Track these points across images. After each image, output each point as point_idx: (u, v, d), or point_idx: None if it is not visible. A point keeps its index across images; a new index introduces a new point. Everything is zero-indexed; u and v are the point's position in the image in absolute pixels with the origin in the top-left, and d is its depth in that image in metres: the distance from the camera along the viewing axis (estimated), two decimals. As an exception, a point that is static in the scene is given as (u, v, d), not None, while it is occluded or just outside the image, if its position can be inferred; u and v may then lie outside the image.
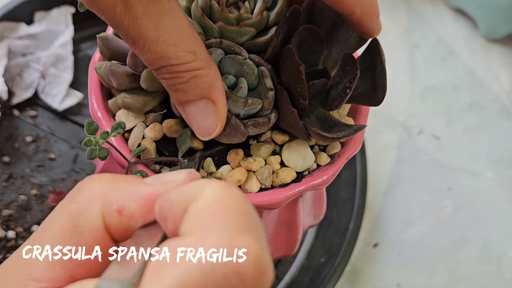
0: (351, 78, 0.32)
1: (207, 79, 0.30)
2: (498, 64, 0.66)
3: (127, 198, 0.24)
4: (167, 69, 0.29)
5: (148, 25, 0.27)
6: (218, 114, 0.31)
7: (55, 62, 0.58)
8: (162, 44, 0.28)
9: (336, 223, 0.54)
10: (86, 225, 0.24)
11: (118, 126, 0.32)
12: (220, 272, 0.20)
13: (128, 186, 0.24)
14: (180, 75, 0.29)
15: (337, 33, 0.35)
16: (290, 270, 0.52)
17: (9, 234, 0.51)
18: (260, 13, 0.34)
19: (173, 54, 0.28)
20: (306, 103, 0.32)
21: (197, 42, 0.29)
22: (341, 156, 0.35)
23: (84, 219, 0.24)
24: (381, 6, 0.33)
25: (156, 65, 0.29)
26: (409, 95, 0.64)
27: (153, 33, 0.28)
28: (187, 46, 0.28)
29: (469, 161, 0.60)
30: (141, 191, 0.24)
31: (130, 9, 0.27)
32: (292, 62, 0.31)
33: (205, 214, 0.21)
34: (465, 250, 0.56)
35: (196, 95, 0.30)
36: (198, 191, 0.22)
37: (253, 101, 0.32)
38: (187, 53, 0.29)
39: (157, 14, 0.27)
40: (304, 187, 0.34)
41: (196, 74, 0.29)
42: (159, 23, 0.27)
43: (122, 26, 0.28)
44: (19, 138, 0.55)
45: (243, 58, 0.33)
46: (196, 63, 0.29)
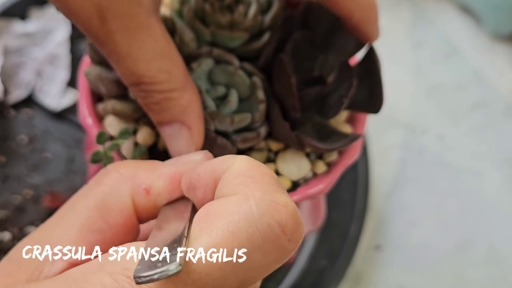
0: (347, 86, 0.31)
1: (181, 102, 0.29)
2: (504, 62, 0.66)
3: (154, 177, 0.26)
4: (140, 87, 0.28)
5: (122, 41, 0.27)
6: (192, 140, 0.30)
7: (52, 61, 0.58)
8: (135, 61, 0.27)
9: (338, 225, 0.53)
10: (115, 204, 0.25)
11: (125, 131, 0.32)
12: (265, 221, 0.22)
13: (152, 168, 0.27)
14: (152, 95, 0.28)
15: (334, 39, 0.34)
16: (291, 274, 0.51)
17: (5, 235, 0.51)
18: (254, 17, 0.33)
19: (145, 72, 0.28)
20: (298, 115, 0.32)
21: (174, 62, 0.28)
22: (338, 164, 0.35)
23: (113, 199, 0.26)
24: (384, 3, 0.33)
25: (128, 82, 0.28)
26: (413, 94, 0.64)
27: (127, 49, 0.27)
28: (162, 65, 0.28)
29: (474, 161, 0.60)
30: (165, 170, 0.26)
31: (105, 22, 0.26)
32: (283, 73, 0.31)
33: (244, 177, 0.24)
34: (470, 252, 0.55)
35: (168, 117, 0.29)
36: (229, 163, 0.24)
37: (240, 118, 0.31)
38: (161, 73, 0.28)
39: (133, 30, 0.27)
40: (299, 196, 0.33)
41: (168, 96, 0.28)
42: (134, 39, 0.27)
43: (97, 38, 0.27)
44: (15, 138, 0.55)
45: (234, 68, 0.32)
46: (168, 84, 0.28)
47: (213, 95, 0.33)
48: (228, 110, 0.33)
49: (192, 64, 0.32)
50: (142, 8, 0.26)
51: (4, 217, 0.52)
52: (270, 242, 0.22)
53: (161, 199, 0.26)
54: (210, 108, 0.32)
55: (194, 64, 0.32)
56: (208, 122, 0.31)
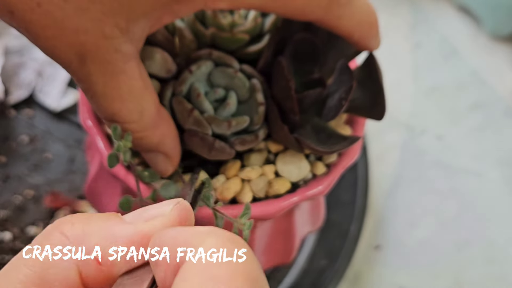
0: (347, 89, 0.31)
1: (152, 139, 0.30)
2: (503, 63, 0.66)
3: (106, 242, 0.21)
4: (113, 123, 0.29)
5: (98, 81, 0.28)
6: (170, 162, 0.31)
7: (52, 61, 0.58)
8: (108, 99, 0.28)
9: (338, 225, 0.53)
10: (57, 278, 0.21)
11: None
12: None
13: (106, 228, 0.22)
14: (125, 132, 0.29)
15: (334, 41, 0.34)
16: (290, 273, 0.51)
17: (5, 235, 0.51)
18: (254, 19, 0.34)
19: (118, 111, 0.28)
20: (297, 118, 0.32)
21: (148, 101, 0.29)
22: (337, 165, 0.35)
23: (54, 271, 0.21)
24: (384, 4, 0.33)
25: (102, 116, 0.29)
26: (412, 94, 0.64)
27: (102, 89, 0.28)
28: (135, 105, 0.29)
29: (473, 161, 0.60)
30: (122, 232, 0.21)
31: (84, 65, 0.27)
32: (282, 76, 0.31)
33: (203, 276, 0.18)
34: (469, 252, 0.55)
35: (143, 150, 0.31)
36: (196, 242, 0.19)
37: (237, 121, 0.32)
38: (133, 113, 0.29)
39: (109, 73, 0.28)
40: (299, 197, 0.33)
41: (139, 136, 0.30)
42: (110, 81, 0.28)
43: (75, 76, 0.28)
44: (16, 138, 0.55)
45: (234, 71, 0.33)
46: (139, 125, 0.29)
47: (212, 98, 0.33)
48: (227, 112, 0.33)
49: (192, 67, 0.32)
50: (119, 55, 0.27)
51: (4, 217, 0.52)
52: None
53: (116, 270, 0.21)
54: (208, 112, 0.32)
55: (193, 66, 0.32)
56: (206, 127, 0.32)
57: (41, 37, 0.26)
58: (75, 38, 0.26)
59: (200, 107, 0.32)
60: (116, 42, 0.27)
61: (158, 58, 0.33)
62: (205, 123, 0.31)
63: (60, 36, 0.26)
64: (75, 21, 0.26)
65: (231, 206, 0.33)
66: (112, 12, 0.26)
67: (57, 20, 0.26)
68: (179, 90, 0.32)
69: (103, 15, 0.26)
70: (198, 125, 0.32)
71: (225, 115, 0.33)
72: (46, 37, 0.26)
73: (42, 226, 0.52)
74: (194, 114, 0.31)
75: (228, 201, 0.33)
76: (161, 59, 0.33)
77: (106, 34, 0.27)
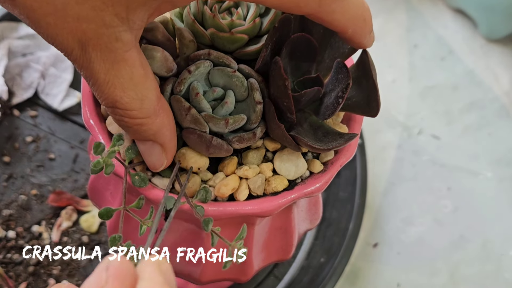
0: (343, 87, 0.32)
1: (151, 127, 0.30)
2: (498, 64, 0.66)
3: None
4: (114, 110, 0.30)
5: (100, 69, 0.28)
6: (164, 154, 0.32)
7: (55, 62, 0.58)
8: (110, 87, 0.29)
9: (336, 223, 0.54)
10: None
11: (119, 138, 0.32)
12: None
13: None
14: (125, 119, 0.30)
15: (330, 40, 0.34)
16: (289, 270, 0.52)
17: (9, 234, 0.51)
18: (253, 20, 0.34)
19: (119, 99, 0.29)
20: (293, 117, 0.32)
21: (148, 89, 0.30)
22: (334, 163, 0.35)
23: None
24: (381, 6, 0.33)
25: (103, 103, 0.30)
26: (409, 95, 0.64)
27: (104, 77, 0.28)
28: (136, 93, 0.29)
29: (469, 161, 0.60)
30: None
31: (85, 53, 0.28)
32: (278, 75, 0.31)
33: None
34: (465, 250, 0.56)
35: (140, 138, 0.31)
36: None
37: (234, 120, 0.32)
38: (134, 100, 0.29)
39: (111, 61, 0.28)
40: (296, 195, 0.34)
41: (139, 122, 0.30)
42: (111, 69, 0.28)
43: (77, 63, 0.29)
44: (19, 138, 0.56)
45: (232, 71, 0.33)
46: (140, 112, 0.30)
47: (211, 97, 0.33)
48: (225, 111, 0.33)
49: (191, 67, 0.33)
50: (120, 43, 0.28)
51: (9, 215, 0.52)
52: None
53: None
54: (206, 111, 0.32)
55: (192, 66, 0.33)
56: (203, 125, 0.32)
57: (42, 24, 0.27)
58: (77, 26, 0.27)
59: (198, 106, 0.32)
60: (116, 30, 0.28)
61: (158, 57, 0.33)
62: (203, 121, 0.32)
63: (61, 23, 0.27)
64: (76, 9, 0.27)
65: (229, 203, 0.33)
66: (112, 1, 0.27)
67: (58, 8, 0.26)
68: (178, 89, 0.33)
69: (103, 4, 0.27)
70: (195, 123, 0.32)
71: (223, 114, 0.33)
72: (47, 24, 0.27)
73: (45, 224, 0.52)
74: (191, 112, 0.32)
75: (227, 198, 0.34)
76: (161, 58, 0.33)
77: (107, 23, 0.27)
